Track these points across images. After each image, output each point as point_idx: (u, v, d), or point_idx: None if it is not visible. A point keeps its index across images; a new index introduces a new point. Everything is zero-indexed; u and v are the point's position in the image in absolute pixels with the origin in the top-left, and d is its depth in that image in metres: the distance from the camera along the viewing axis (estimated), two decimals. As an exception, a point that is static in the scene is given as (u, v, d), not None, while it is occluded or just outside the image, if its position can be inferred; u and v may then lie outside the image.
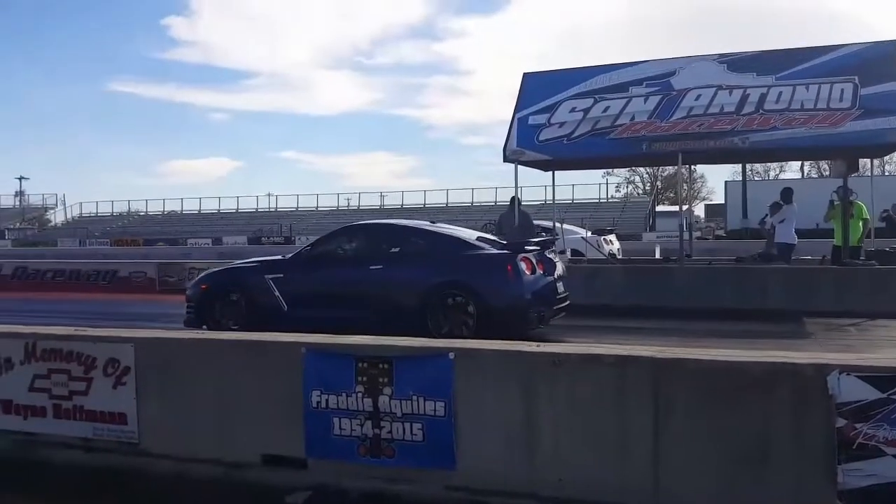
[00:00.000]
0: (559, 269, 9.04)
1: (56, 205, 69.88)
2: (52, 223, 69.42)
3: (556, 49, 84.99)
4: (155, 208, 68.20)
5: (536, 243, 9.40)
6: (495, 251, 8.57)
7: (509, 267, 8.20)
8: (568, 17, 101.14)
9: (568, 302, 9.08)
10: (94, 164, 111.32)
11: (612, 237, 17.78)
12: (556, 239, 12.07)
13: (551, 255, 9.16)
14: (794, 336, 8.68)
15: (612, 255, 15.93)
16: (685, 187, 18.39)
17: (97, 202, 69.22)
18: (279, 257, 9.84)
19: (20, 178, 70.97)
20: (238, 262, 10.41)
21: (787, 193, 12.77)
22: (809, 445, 3.59)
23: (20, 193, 70.44)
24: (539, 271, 8.44)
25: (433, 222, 9.98)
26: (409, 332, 6.53)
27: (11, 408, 5.06)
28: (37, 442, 5.03)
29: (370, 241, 9.24)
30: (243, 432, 4.58)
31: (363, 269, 8.58)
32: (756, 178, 48.77)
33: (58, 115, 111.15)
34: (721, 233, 38.43)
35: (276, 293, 8.85)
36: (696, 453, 3.75)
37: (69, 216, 68.82)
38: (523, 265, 8.21)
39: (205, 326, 8.86)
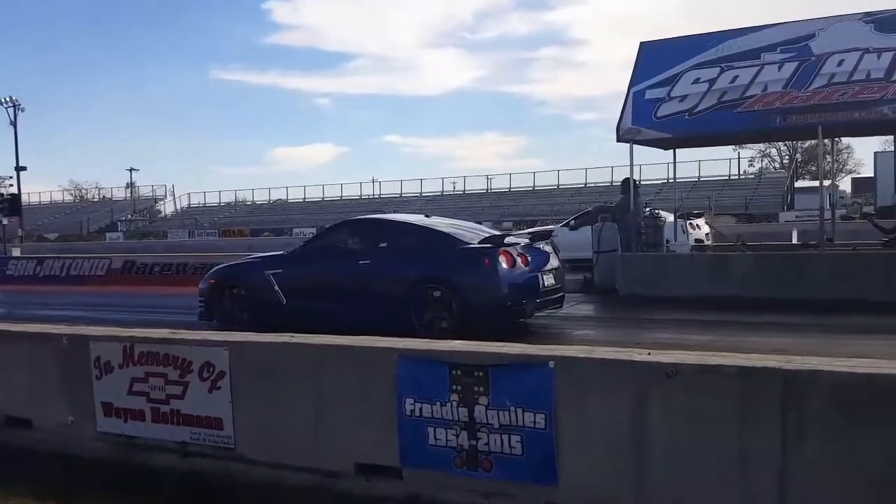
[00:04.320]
0: (551, 262, 9.31)
1: (165, 196, 74.05)
2: (162, 214, 73.63)
3: (679, 15, 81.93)
4: (261, 197, 71.16)
5: (527, 235, 9.87)
6: (475, 245, 8.94)
7: (486, 260, 8.62)
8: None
9: (560, 294, 9.38)
10: (202, 153, 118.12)
11: (700, 221, 16.71)
12: (552, 230, 12.22)
13: (543, 247, 9.43)
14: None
15: (698, 241, 15.06)
16: (827, 160, 17.25)
17: (205, 192, 72.99)
18: (281, 253, 10.63)
19: (130, 170, 75.75)
20: (243, 259, 11.35)
21: None
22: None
23: (131, 185, 75.22)
24: (520, 264, 8.74)
25: (427, 216, 10.48)
26: (396, 325, 7.19)
27: (112, 411, 5.36)
28: (135, 445, 5.30)
29: (360, 237, 9.80)
30: (337, 440, 4.67)
31: (353, 264, 9.21)
32: (911, 148, 45.22)
33: (165, 105, 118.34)
34: (870, 210, 35.97)
35: (276, 287, 9.52)
36: (831, 475, 3.50)
37: (178, 207, 72.85)
38: (502, 258, 8.57)
39: (215, 320, 9.74)
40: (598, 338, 8.78)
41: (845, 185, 52.83)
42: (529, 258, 8.94)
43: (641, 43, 12.63)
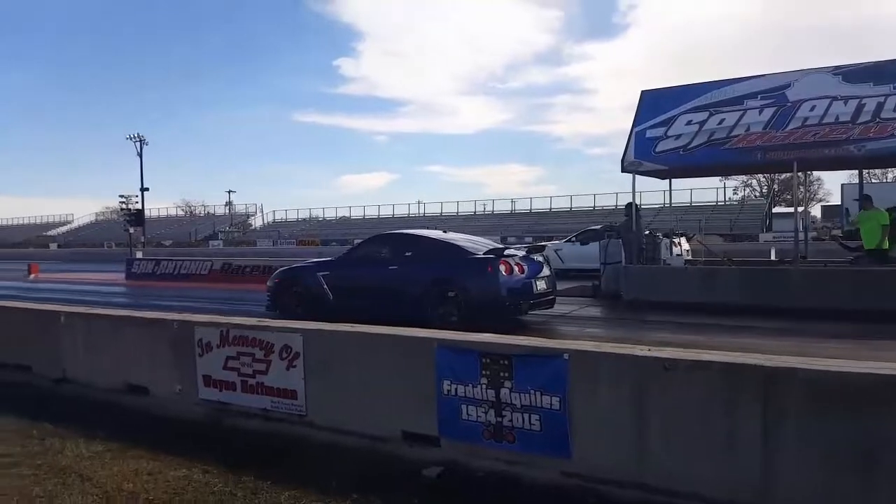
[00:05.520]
0: (545, 270, 9.38)
1: (256, 212, 75.74)
2: (253, 227, 74.95)
3: (672, 68, 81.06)
4: (330, 214, 72.13)
5: (525, 248, 10.08)
6: (480, 255, 8.95)
7: (489, 268, 8.68)
8: (683, 38, 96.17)
9: (552, 297, 9.47)
10: (285, 179, 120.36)
11: (682, 240, 15.64)
12: (544, 245, 12.59)
13: (538, 258, 9.49)
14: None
15: (678, 256, 14.21)
16: (801, 190, 16.73)
17: (286, 210, 74.48)
18: (330, 259, 10.84)
19: (229, 192, 78.20)
20: (300, 263, 11.48)
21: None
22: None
23: (229, 203, 77.02)
24: (517, 271, 8.78)
25: (445, 231, 10.64)
26: (416, 317, 7.29)
27: (210, 382, 5.39)
28: (228, 410, 5.33)
29: (390, 247, 9.84)
30: (387, 411, 4.61)
31: (384, 269, 9.32)
32: (874, 181, 43.67)
33: (257, 141, 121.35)
34: (837, 233, 34.83)
35: (325, 286, 9.77)
36: (806, 458, 3.33)
37: (266, 221, 74.21)
38: (502, 267, 8.65)
39: (277, 311, 9.87)
40: (606, 335, 8.63)
41: (816, 211, 51.34)
42: (525, 267, 8.95)
43: (642, 91, 12.46)
